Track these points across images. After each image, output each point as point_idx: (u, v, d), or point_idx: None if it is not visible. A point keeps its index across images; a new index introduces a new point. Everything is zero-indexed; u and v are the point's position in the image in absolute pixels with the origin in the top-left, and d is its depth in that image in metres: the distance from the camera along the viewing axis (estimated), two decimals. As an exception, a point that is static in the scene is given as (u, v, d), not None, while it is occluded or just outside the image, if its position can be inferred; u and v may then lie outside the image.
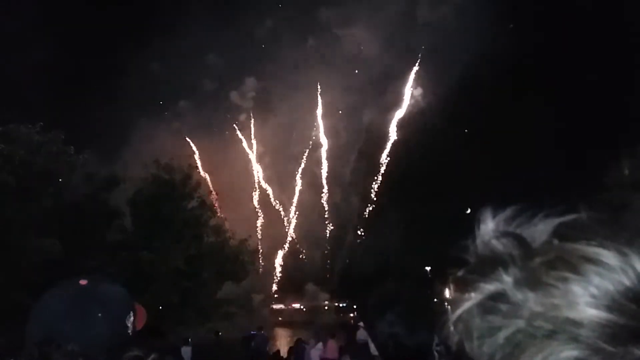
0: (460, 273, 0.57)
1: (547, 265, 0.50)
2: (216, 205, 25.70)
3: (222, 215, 26.02)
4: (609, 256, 0.47)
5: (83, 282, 1.57)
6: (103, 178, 23.37)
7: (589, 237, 0.49)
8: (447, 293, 0.60)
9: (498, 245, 0.54)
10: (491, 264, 0.53)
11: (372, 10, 59.51)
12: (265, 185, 65.65)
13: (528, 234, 0.54)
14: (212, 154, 59.94)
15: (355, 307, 61.28)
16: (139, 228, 24.29)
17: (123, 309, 1.58)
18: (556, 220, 0.54)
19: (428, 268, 50.37)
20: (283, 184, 65.52)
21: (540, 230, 0.54)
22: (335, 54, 62.58)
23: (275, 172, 62.96)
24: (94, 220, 22.68)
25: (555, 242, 0.51)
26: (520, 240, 0.53)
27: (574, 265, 0.48)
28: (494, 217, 0.57)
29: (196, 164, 25.86)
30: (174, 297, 22.13)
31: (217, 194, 26.08)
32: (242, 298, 27.34)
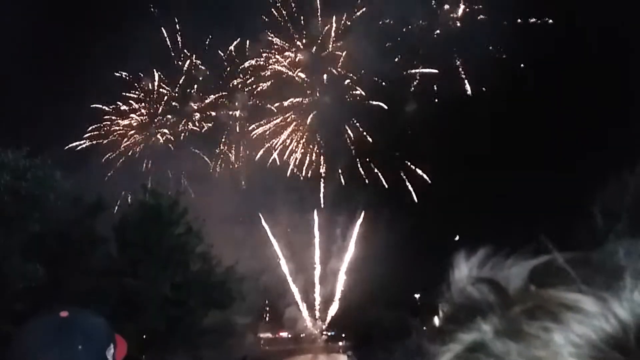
0: (436, 322, 0.55)
1: (527, 314, 0.48)
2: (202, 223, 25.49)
3: (208, 243, 25.77)
4: (588, 302, 0.46)
5: (64, 313, 1.57)
6: (89, 203, 23.18)
7: (566, 282, 0.48)
8: (436, 321, 0.59)
9: (474, 292, 0.53)
10: (468, 312, 0.52)
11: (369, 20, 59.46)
12: (252, 207, 65.24)
13: (502, 278, 0.53)
14: (198, 175, 59.69)
15: (344, 335, 60.55)
16: (124, 254, 24.01)
17: (103, 341, 1.57)
18: (530, 263, 0.53)
19: (417, 295, 50.11)
20: (271, 204, 65.16)
21: (514, 274, 0.52)
22: (328, 67, 62.75)
23: (263, 192, 62.65)
24: (78, 246, 22.40)
25: (532, 288, 0.50)
26: (496, 287, 0.52)
27: (554, 314, 0.47)
28: (467, 260, 0.56)
29: (183, 190, 25.66)
30: (159, 325, 21.75)
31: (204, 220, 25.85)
32: (228, 326, 26.97)
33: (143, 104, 62.31)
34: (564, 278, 0.48)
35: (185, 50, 61.03)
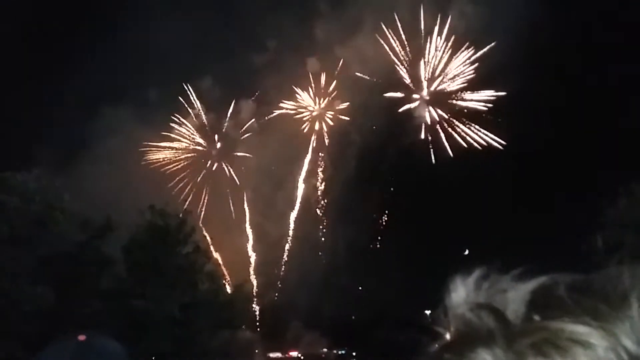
0: (434, 349, 0.53)
1: (534, 348, 0.46)
2: (210, 246, 25.43)
3: (216, 258, 25.67)
4: (597, 336, 0.45)
5: (81, 337, 1.58)
6: (97, 225, 23.23)
7: (571, 312, 0.46)
8: (447, 337, 0.57)
9: (474, 318, 0.50)
10: (469, 341, 0.49)
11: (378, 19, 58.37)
12: (258, 220, 64.83)
13: (500, 302, 0.51)
14: (202, 189, 59.54)
15: (354, 354, 59.91)
16: (132, 275, 23.97)
17: (120, 364, 1.58)
18: (528, 286, 0.51)
19: (428, 312, 49.58)
20: (277, 217, 64.72)
21: (512, 298, 0.50)
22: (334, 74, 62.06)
23: (269, 204, 62.23)
24: (87, 268, 22.40)
25: (537, 318, 0.48)
26: (497, 314, 0.50)
27: (563, 349, 0.45)
28: (463, 282, 0.54)
29: (190, 209, 25.66)
30: (167, 347, 21.60)
31: (211, 237, 25.81)
32: (237, 346, 26.71)
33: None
34: (568, 308, 0.47)
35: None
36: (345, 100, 61.95)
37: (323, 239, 63.97)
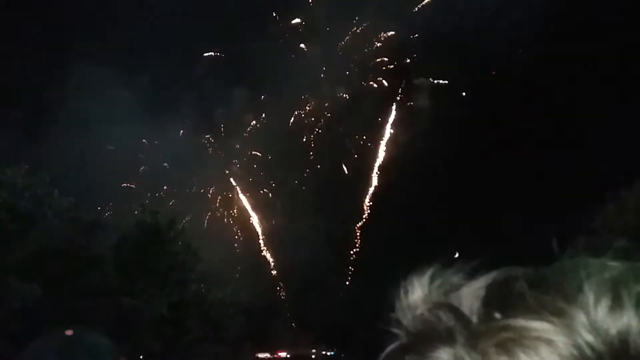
0: (391, 350, 0.50)
1: (498, 347, 0.45)
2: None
3: (206, 261, 25.61)
4: (559, 333, 0.44)
5: (69, 332, 1.57)
6: (87, 222, 23.09)
7: (530, 307, 0.46)
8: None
9: (432, 317, 0.49)
10: (429, 341, 0.48)
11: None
12: (250, 220, 64.51)
13: (455, 300, 0.50)
14: (191, 187, 59.22)
15: (343, 355, 59.96)
16: (121, 273, 23.82)
17: (108, 360, 1.58)
18: (481, 282, 0.50)
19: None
20: (269, 215, 64.57)
21: (466, 295, 0.50)
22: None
23: (260, 203, 62.15)
24: (76, 265, 22.24)
25: (497, 316, 0.47)
26: (456, 312, 0.48)
27: (527, 347, 0.44)
28: (419, 282, 0.52)
29: (180, 207, 25.58)
30: (156, 346, 21.50)
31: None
32: (226, 346, 26.61)
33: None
34: (526, 304, 0.46)
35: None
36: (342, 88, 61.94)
37: (312, 237, 63.91)
